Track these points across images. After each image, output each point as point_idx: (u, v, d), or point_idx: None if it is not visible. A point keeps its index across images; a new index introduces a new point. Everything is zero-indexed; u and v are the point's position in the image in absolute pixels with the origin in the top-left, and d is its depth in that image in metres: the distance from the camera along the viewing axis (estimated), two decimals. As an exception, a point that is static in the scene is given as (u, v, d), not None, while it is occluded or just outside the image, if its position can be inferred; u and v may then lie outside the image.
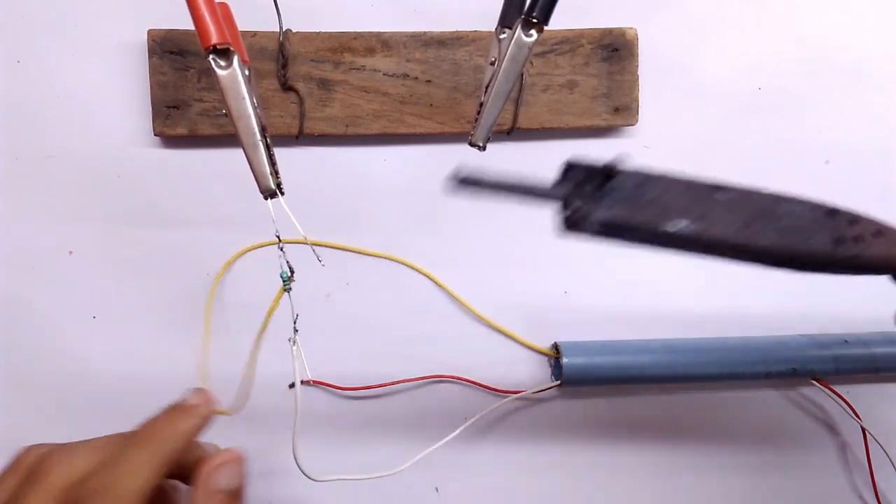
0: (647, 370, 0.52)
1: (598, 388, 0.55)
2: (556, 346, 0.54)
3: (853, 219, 0.28)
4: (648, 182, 0.28)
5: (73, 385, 0.52)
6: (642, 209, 0.27)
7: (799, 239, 0.27)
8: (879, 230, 0.28)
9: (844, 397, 0.55)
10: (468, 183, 0.28)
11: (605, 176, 0.27)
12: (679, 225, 0.27)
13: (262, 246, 0.52)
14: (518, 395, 0.52)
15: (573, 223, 0.27)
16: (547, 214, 0.53)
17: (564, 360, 0.52)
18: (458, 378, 0.52)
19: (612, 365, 0.52)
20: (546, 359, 0.55)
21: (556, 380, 0.53)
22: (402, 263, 0.53)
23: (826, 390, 0.55)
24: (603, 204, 0.27)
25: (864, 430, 0.55)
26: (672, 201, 0.27)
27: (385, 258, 0.53)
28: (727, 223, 0.27)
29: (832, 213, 0.28)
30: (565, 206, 0.28)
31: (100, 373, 0.52)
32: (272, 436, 0.51)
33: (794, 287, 0.56)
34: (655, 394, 0.56)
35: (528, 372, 0.54)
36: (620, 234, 0.27)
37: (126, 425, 0.52)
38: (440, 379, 0.53)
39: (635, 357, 0.53)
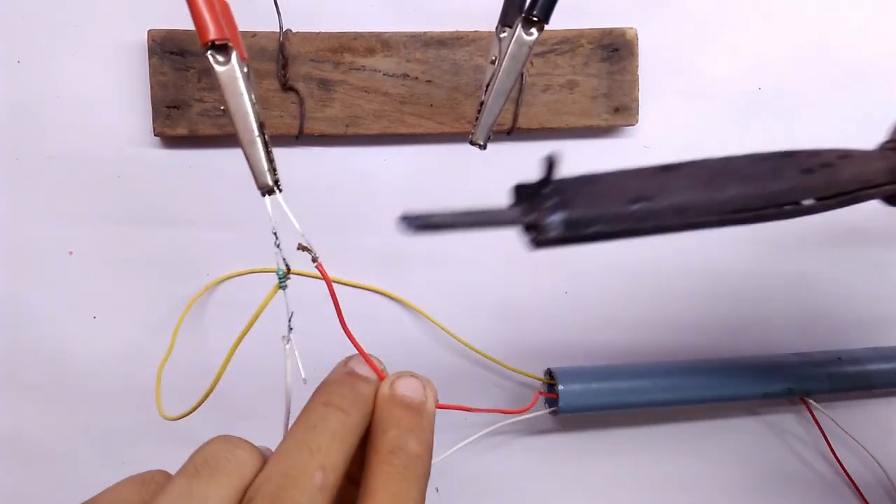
0: (642, 395, 0.52)
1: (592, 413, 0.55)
2: (549, 372, 0.53)
3: (812, 152, 0.28)
4: (596, 181, 0.28)
5: (73, 385, 0.52)
6: (598, 202, 0.27)
7: (765, 180, 0.27)
8: (844, 154, 0.28)
9: (839, 415, 0.55)
10: (421, 226, 0.28)
11: (549, 180, 0.27)
12: (638, 204, 0.27)
13: (237, 276, 0.52)
14: (504, 413, 0.52)
15: (537, 237, 0.27)
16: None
17: (560, 388, 0.51)
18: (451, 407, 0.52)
19: (607, 391, 0.52)
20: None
21: (550, 406, 0.52)
22: (385, 295, 0.54)
23: (821, 408, 0.55)
24: (558, 210, 0.27)
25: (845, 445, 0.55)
26: (625, 189, 0.27)
27: (368, 290, 0.53)
28: (686, 189, 0.27)
29: (790, 154, 0.28)
30: (524, 224, 0.28)
31: (100, 373, 0.52)
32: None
33: (788, 303, 0.57)
34: (649, 417, 0.56)
35: (522, 393, 0.54)
36: (586, 231, 0.27)
37: (126, 426, 0.53)
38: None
39: (629, 382, 0.52)
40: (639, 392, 0.52)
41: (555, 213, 0.27)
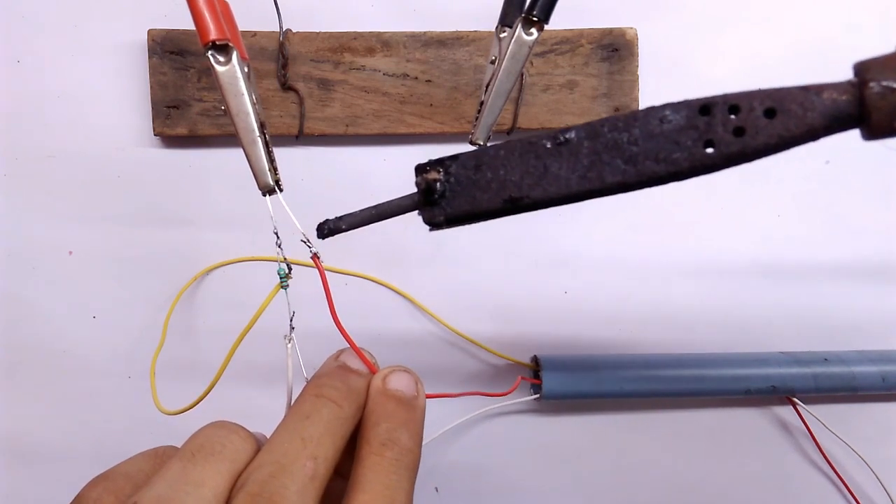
0: (625, 385, 0.52)
1: (576, 401, 0.55)
2: (535, 359, 0.53)
3: (734, 106, 0.25)
4: (484, 160, 0.28)
5: (72, 385, 0.52)
6: (482, 191, 0.28)
7: (656, 160, 0.26)
8: (772, 108, 0.25)
9: (824, 415, 0.55)
10: (330, 230, 0.30)
11: (443, 170, 0.28)
12: (511, 202, 0.27)
13: (227, 264, 0.52)
14: (493, 396, 0.52)
15: (430, 225, 0.29)
16: (555, 217, 0.53)
17: (543, 374, 0.51)
18: (436, 395, 0.52)
19: (590, 379, 0.52)
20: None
21: (535, 393, 0.52)
22: (380, 283, 0.54)
23: (807, 408, 0.55)
24: (446, 200, 0.28)
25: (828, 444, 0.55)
26: (508, 174, 0.27)
27: (361, 277, 0.54)
28: (567, 175, 0.26)
29: (706, 110, 0.25)
30: (419, 212, 0.29)
31: (99, 372, 0.52)
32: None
33: (784, 303, 0.57)
34: (634, 405, 0.56)
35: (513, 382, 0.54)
36: (471, 220, 0.28)
37: (127, 426, 0.53)
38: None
39: (612, 372, 0.52)
40: (622, 382, 0.52)
41: (444, 207, 0.28)
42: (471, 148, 0.30)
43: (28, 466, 0.53)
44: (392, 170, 0.53)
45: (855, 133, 0.57)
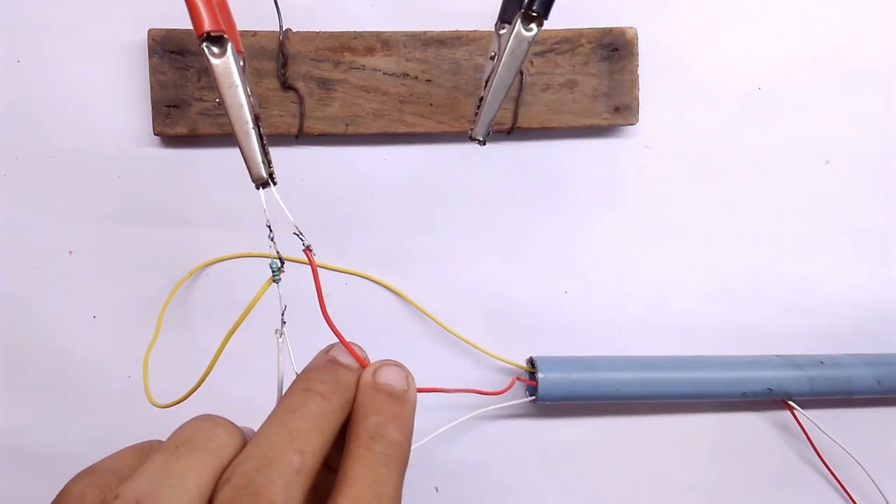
0: (621, 387, 0.52)
1: (572, 402, 0.55)
2: (531, 361, 0.53)
3: None
4: None
5: (73, 385, 0.52)
6: None
7: None
8: None
9: (820, 418, 0.54)
10: None
11: None
12: None
13: (224, 260, 0.52)
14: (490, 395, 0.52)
15: None
16: (555, 217, 0.53)
17: (539, 376, 0.51)
18: (429, 390, 0.52)
19: (586, 381, 0.51)
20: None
21: (530, 395, 0.52)
22: (375, 282, 0.54)
23: (803, 412, 0.54)
24: None
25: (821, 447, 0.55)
26: None
27: (359, 276, 0.53)
28: None
29: None
30: None
31: (100, 372, 0.52)
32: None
33: (784, 306, 0.57)
34: (632, 409, 0.56)
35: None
36: None
37: (127, 426, 0.53)
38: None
39: (609, 374, 0.52)
40: (618, 384, 0.51)
41: None
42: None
43: (28, 466, 0.52)
44: (392, 169, 0.53)
45: (855, 132, 0.57)
